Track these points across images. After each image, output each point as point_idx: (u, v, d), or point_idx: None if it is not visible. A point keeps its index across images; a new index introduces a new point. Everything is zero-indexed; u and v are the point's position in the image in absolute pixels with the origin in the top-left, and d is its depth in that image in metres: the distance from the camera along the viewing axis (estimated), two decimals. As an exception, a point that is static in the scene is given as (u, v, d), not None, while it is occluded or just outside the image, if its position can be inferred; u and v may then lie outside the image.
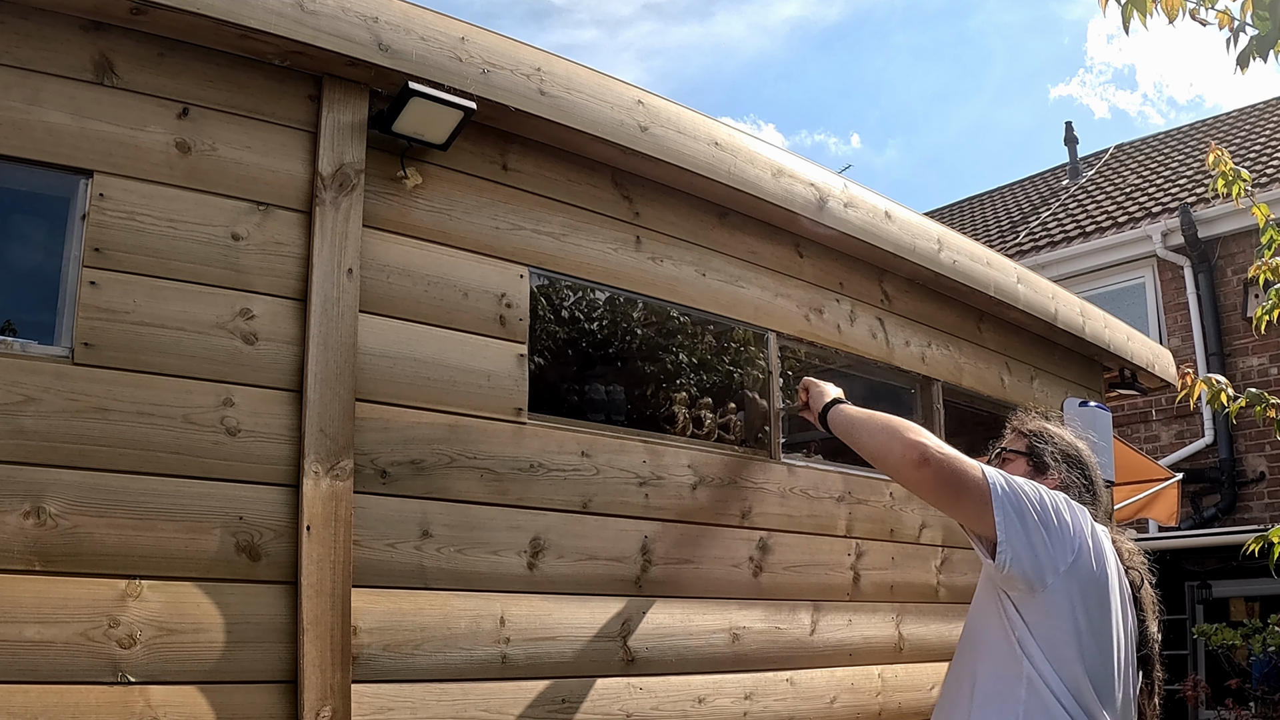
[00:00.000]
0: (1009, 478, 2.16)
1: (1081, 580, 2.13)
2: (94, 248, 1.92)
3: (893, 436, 2.23)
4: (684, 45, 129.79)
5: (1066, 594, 2.10)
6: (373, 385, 2.20)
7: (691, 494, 2.73)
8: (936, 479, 2.14)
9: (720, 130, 2.83)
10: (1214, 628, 8.08)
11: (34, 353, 1.86)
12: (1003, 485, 2.10)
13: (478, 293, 2.41)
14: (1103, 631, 2.17)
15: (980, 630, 2.25)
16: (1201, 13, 2.77)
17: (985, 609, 2.24)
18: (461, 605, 2.25)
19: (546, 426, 2.48)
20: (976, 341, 3.77)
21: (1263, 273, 4.09)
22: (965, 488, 2.11)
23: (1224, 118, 12.97)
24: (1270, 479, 9.39)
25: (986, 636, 2.20)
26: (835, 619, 3.04)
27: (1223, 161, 4.08)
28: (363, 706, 2.07)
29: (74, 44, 1.95)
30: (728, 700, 2.70)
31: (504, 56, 2.39)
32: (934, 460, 2.13)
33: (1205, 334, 9.82)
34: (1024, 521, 2.09)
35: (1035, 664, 2.09)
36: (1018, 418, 2.53)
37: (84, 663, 1.79)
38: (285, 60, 2.15)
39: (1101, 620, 2.16)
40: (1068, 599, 2.10)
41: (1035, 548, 2.08)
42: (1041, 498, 2.15)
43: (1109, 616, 2.19)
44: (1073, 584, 2.11)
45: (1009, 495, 2.10)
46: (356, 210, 2.21)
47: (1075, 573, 2.12)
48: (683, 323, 3.39)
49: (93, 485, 1.85)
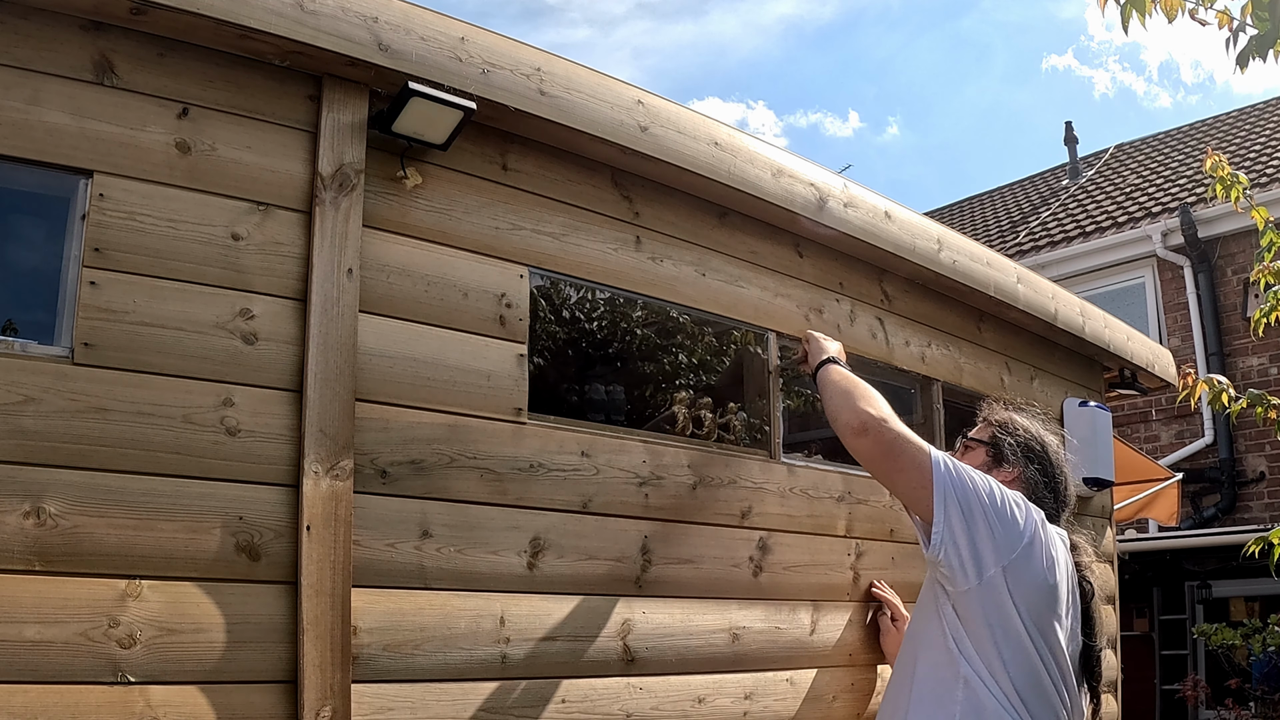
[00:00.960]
0: (958, 465, 2.11)
1: (1025, 581, 2.06)
2: (94, 248, 1.92)
3: (846, 403, 2.22)
4: (678, 44, 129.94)
5: (1006, 592, 2.03)
6: (373, 385, 2.20)
7: (691, 494, 2.73)
8: (874, 449, 2.14)
9: (720, 130, 2.83)
10: (1214, 628, 8.09)
11: (34, 353, 1.86)
12: (947, 470, 2.07)
13: (478, 293, 2.41)
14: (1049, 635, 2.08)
15: (921, 629, 2.20)
16: (1200, 12, 2.77)
17: (926, 608, 2.20)
18: (461, 605, 2.25)
19: (546, 426, 2.48)
20: (976, 341, 3.77)
21: (1263, 276, 4.09)
22: (903, 464, 2.09)
23: (1224, 118, 12.98)
24: (1270, 479, 9.39)
25: (927, 635, 2.16)
26: (835, 619, 3.04)
27: (1220, 166, 4.08)
28: (363, 706, 2.07)
29: (74, 44, 1.95)
30: (728, 700, 2.70)
31: (504, 56, 2.39)
32: (873, 431, 2.13)
33: (1205, 334, 9.83)
34: (966, 510, 2.04)
35: (973, 665, 2.04)
36: (988, 407, 2.46)
37: (84, 663, 1.79)
38: (285, 60, 2.15)
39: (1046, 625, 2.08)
40: (1008, 597, 2.04)
41: (975, 538, 2.03)
42: (991, 489, 2.10)
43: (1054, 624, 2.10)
44: (1015, 582, 2.04)
45: (952, 481, 2.06)
46: (356, 210, 2.21)
47: (1018, 571, 2.05)
48: (683, 323, 3.39)
49: (93, 485, 1.85)
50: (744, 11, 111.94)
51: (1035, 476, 2.27)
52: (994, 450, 2.32)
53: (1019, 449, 2.29)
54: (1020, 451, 2.29)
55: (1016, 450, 2.29)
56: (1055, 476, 2.29)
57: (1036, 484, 2.27)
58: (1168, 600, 9.47)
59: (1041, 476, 2.27)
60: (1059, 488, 2.30)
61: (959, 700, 2.04)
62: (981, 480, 2.10)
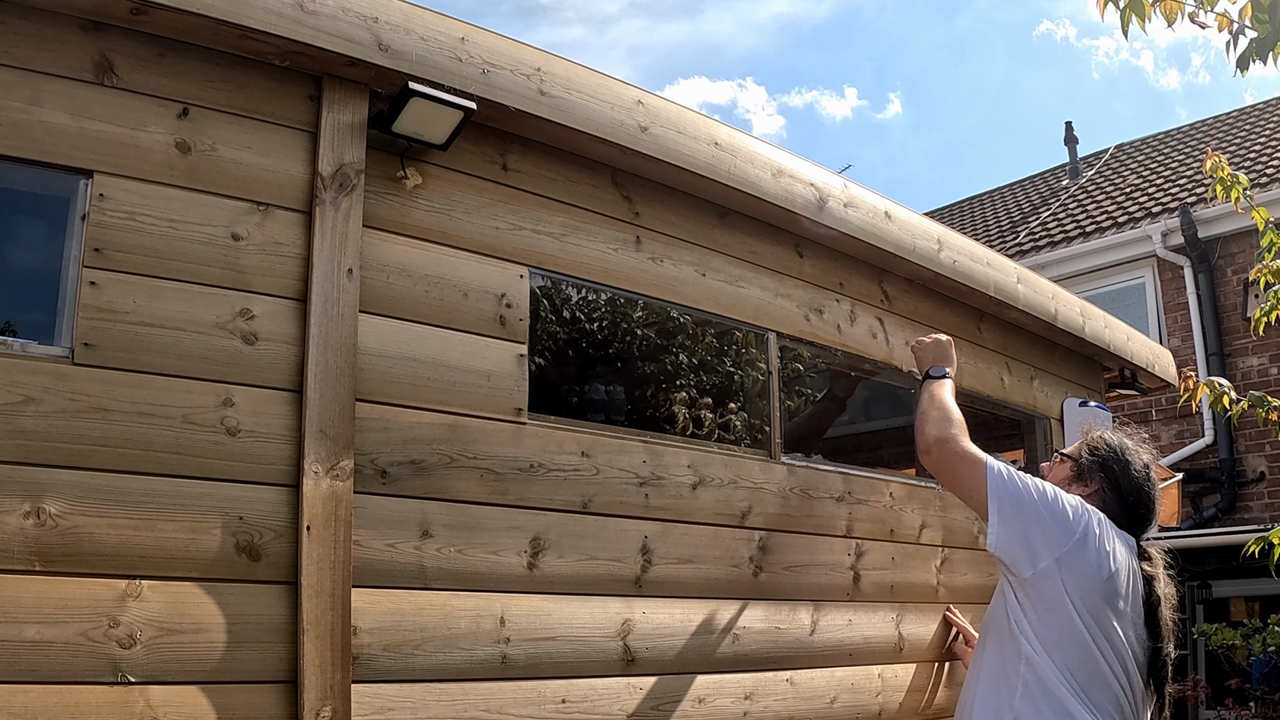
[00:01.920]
0: (1014, 472, 2.40)
1: (1079, 571, 2.29)
2: (94, 248, 1.92)
3: (920, 425, 2.59)
4: (672, 43, 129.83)
5: (1059, 581, 2.28)
6: (373, 385, 2.20)
7: (691, 494, 2.73)
8: (937, 465, 2.55)
9: (720, 130, 2.83)
10: (1214, 628, 8.09)
11: (34, 353, 1.86)
12: (1000, 476, 2.39)
13: (478, 293, 2.41)
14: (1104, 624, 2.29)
15: (993, 614, 2.49)
16: (1200, 15, 2.77)
17: (997, 596, 2.48)
18: (461, 605, 2.25)
19: (546, 426, 2.48)
20: (976, 341, 3.77)
21: (1263, 275, 4.09)
22: (961, 475, 2.46)
23: (1224, 118, 12.97)
24: (1270, 479, 9.39)
25: (996, 620, 2.44)
26: (835, 619, 3.04)
27: (1220, 167, 4.08)
28: (363, 706, 2.07)
29: (74, 44, 1.95)
30: (728, 700, 2.70)
31: (504, 56, 2.39)
32: (935, 451, 2.53)
33: (1205, 334, 9.82)
34: (1019, 508, 2.35)
35: (1031, 644, 2.29)
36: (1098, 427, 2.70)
37: (84, 663, 1.79)
38: (285, 60, 2.15)
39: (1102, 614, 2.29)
40: (1061, 586, 2.28)
41: (1027, 534, 2.32)
42: (1044, 490, 2.38)
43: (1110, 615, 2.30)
44: (1069, 573, 2.29)
45: (1004, 485, 2.38)
46: (356, 210, 2.21)
47: (1071, 562, 2.29)
48: (683, 323, 3.39)
49: (93, 485, 1.85)
50: (739, 10, 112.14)
51: (1109, 493, 2.49)
52: (1076, 465, 2.56)
53: (1096, 467, 2.52)
54: (1098, 469, 2.52)
55: (1094, 468, 2.52)
56: (1133, 497, 2.49)
57: (1109, 501, 2.48)
58: (1167, 600, 9.45)
59: (1114, 495, 2.49)
60: (1137, 507, 2.49)
61: (1021, 675, 2.29)
62: (1036, 484, 2.39)
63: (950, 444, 2.50)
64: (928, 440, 2.54)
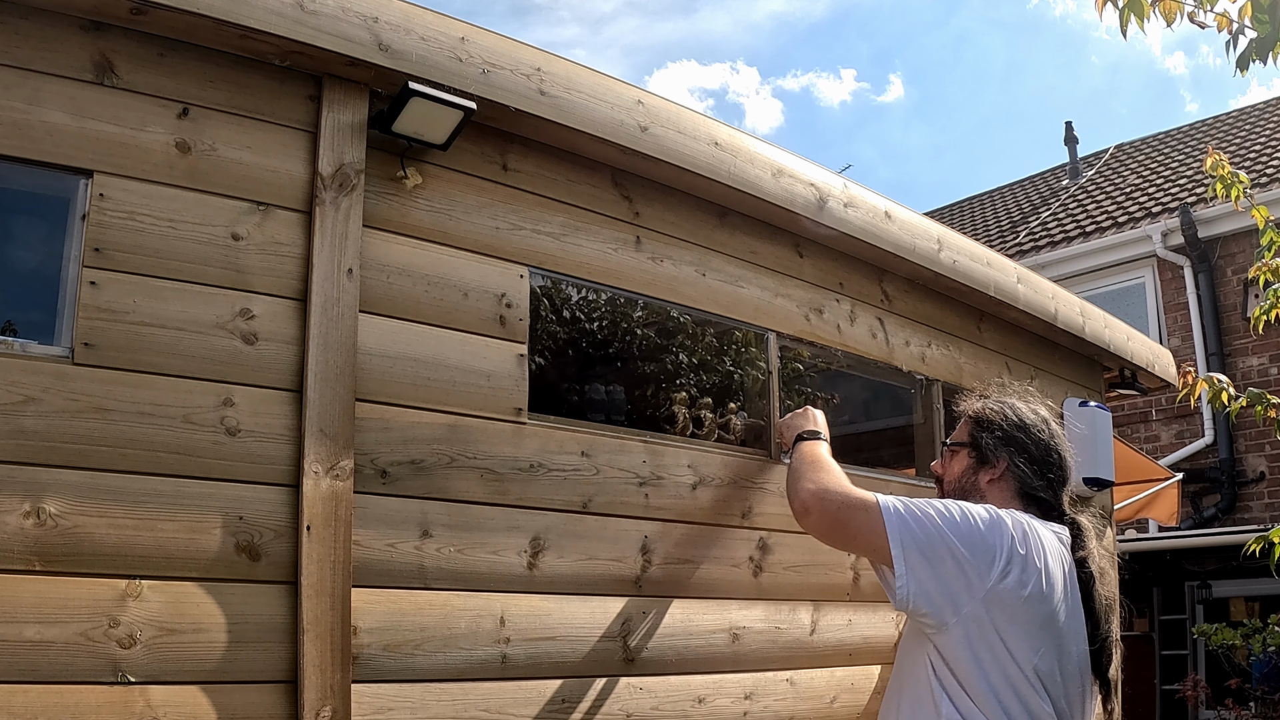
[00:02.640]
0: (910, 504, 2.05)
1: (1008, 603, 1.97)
2: (94, 248, 1.92)
3: (790, 489, 2.22)
4: (667, 42, 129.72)
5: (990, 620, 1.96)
6: (373, 385, 2.20)
7: (691, 494, 2.74)
8: (820, 523, 2.14)
9: (720, 130, 2.83)
10: (1214, 628, 8.09)
11: (34, 353, 1.86)
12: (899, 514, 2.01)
13: (478, 293, 2.41)
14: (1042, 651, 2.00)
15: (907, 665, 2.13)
16: (1200, 15, 2.77)
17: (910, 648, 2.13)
18: (461, 605, 2.25)
19: (546, 426, 2.48)
20: (976, 341, 3.77)
21: (1263, 274, 4.09)
22: (853, 528, 2.07)
23: (1224, 118, 12.98)
24: (1270, 479, 9.39)
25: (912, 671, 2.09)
26: (835, 619, 3.04)
27: (1221, 165, 4.09)
28: (363, 706, 2.07)
29: (74, 44, 1.95)
30: (728, 700, 2.70)
31: (504, 56, 2.39)
32: (813, 506, 2.12)
33: (1205, 334, 9.83)
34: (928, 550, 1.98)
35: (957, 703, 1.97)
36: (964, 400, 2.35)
37: (84, 663, 1.79)
38: (285, 60, 2.15)
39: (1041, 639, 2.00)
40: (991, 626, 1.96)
41: (943, 578, 1.97)
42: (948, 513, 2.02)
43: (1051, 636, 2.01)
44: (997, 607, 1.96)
45: (906, 525, 2.00)
46: (356, 210, 2.21)
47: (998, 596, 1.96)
48: (683, 323, 3.39)
49: (93, 485, 1.85)
50: (734, 8, 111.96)
51: (1022, 467, 2.18)
52: (975, 451, 2.23)
53: (999, 443, 2.19)
54: (1004, 443, 2.19)
55: (998, 445, 2.20)
56: (1043, 459, 2.18)
57: (1024, 474, 2.18)
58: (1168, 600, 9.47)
59: (1028, 465, 2.17)
60: (1050, 468, 2.19)
61: None
62: (938, 509, 2.03)
63: (829, 494, 2.11)
64: (803, 498, 2.14)
